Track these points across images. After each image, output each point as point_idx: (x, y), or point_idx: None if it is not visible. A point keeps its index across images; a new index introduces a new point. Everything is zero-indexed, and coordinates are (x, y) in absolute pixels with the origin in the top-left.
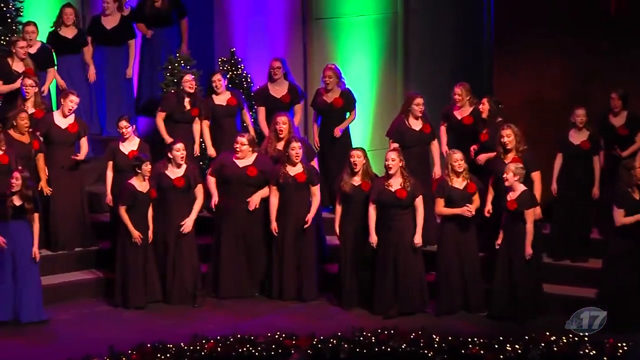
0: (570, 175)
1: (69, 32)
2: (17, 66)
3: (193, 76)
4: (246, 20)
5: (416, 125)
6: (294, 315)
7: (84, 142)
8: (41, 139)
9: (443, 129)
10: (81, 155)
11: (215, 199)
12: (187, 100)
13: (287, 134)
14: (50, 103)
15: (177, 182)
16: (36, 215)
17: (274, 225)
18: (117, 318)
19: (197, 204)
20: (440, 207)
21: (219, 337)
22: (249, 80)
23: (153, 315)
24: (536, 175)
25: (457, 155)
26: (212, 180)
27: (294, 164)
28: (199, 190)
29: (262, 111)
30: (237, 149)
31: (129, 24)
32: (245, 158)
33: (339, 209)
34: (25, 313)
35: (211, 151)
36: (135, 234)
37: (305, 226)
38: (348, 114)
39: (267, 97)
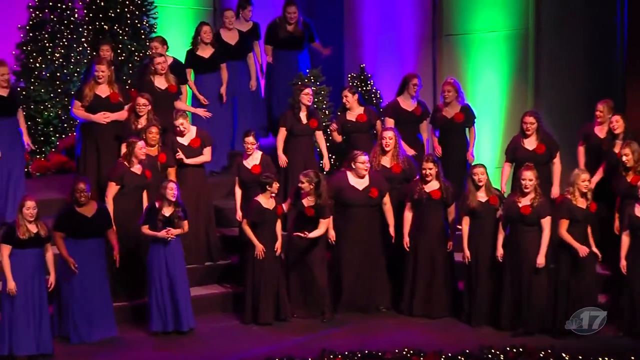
0: None
1: (206, 52)
2: (160, 82)
3: (311, 89)
4: (376, 37)
5: (530, 144)
6: (422, 332)
7: (206, 152)
8: (180, 153)
9: (582, 149)
10: (196, 160)
11: (330, 231)
12: (303, 113)
13: (392, 149)
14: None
15: (308, 212)
16: (185, 223)
17: (406, 240)
18: (246, 333)
19: (318, 231)
20: (564, 228)
21: (346, 353)
22: (378, 96)
23: (281, 330)
24: None
25: (585, 176)
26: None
27: (427, 182)
28: (322, 223)
29: (390, 123)
30: (363, 168)
31: (248, 38)
32: (364, 178)
33: (465, 226)
34: (186, 322)
35: (326, 165)
36: (259, 247)
37: (449, 249)
38: (467, 129)
39: (397, 110)
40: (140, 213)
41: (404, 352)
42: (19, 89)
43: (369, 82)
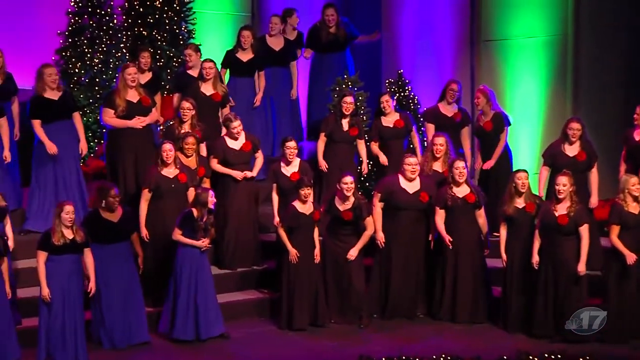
0: None
1: (245, 56)
2: (205, 88)
3: (352, 98)
4: (414, 42)
5: (571, 151)
6: (459, 338)
7: (259, 157)
8: (216, 163)
9: (624, 153)
10: (254, 172)
11: (378, 233)
12: (345, 120)
13: (443, 155)
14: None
15: (345, 216)
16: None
17: (448, 237)
18: (283, 338)
19: (365, 236)
20: (615, 234)
21: (384, 359)
22: (416, 101)
23: (318, 335)
24: None
25: (634, 180)
26: (378, 208)
27: (458, 185)
28: (369, 222)
29: (431, 128)
30: (413, 170)
31: (293, 46)
32: (415, 181)
33: (503, 232)
34: (205, 330)
35: (383, 159)
36: (292, 252)
37: (486, 252)
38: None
39: (437, 115)
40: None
41: (442, 358)
42: None
43: (406, 88)
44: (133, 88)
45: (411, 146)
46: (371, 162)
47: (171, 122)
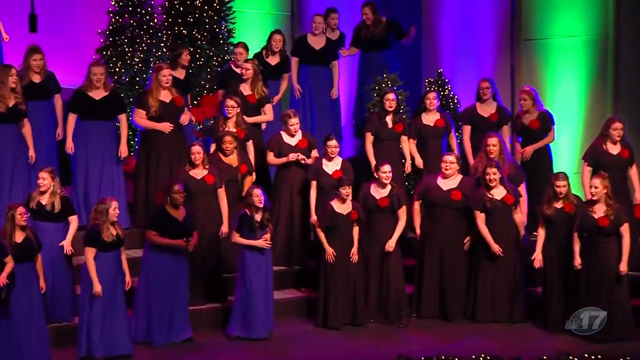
0: None
1: (273, 59)
2: (244, 88)
3: (394, 95)
4: (454, 42)
5: (613, 149)
6: (498, 338)
7: (315, 153)
8: (273, 156)
9: None
10: (308, 160)
11: (417, 230)
12: (389, 117)
13: (497, 156)
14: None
15: (381, 203)
16: (271, 228)
17: (495, 247)
18: (321, 337)
19: (400, 226)
20: None
21: (422, 358)
22: (455, 101)
23: (357, 335)
24: None
25: None
26: (417, 205)
27: (493, 188)
28: (402, 212)
29: (467, 130)
30: (446, 168)
31: (335, 46)
32: (451, 178)
33: (542, 233)
34: (257, 329)
35: (419, 161)
36: (329, 250)
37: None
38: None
39: (474, 116)
40: (209, 217)
41: (481, 358)
42: None
43: (446, 87)
44: (166, 89)
45: (449, 147)
46: (412, 162)
47: (213, 120)
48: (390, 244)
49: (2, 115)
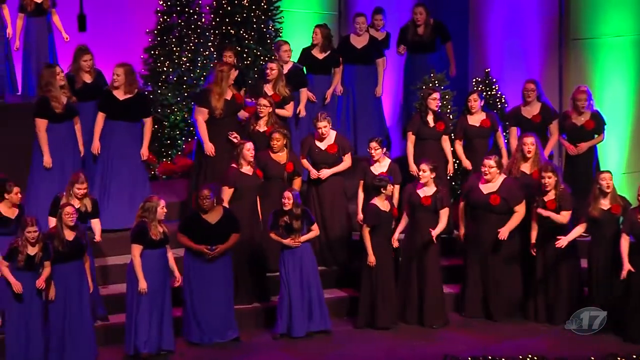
0: None
1: (321, 54)
2: (267, 88)
3: (438, 94)
4: (501, 41)
5: None
6: (544, 338)
7: (347, 158)
8: (302, 159)
9: None
10: (326, 172)
11: (461, 230)
12: (430, 117)
13: (533, 156)
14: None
15: (424, 201)
16: (315, 226)
17: (534, 250)
18: (366, 337)
19: (439, 227)
20: None
21: (469, 358)
22: (503, 100)
23: (401, 335)
24: None
25: None
26: (462, 206)
27: (545, 194)
28: (444, 212)
29: (513, 131)
30: (485, 172)
31: (378, 44)
32: (493, 181)
33: (581, 229)
34: (322, 323)
35: (466, 163)
36: (371, 258)
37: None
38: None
39: (518, 117)
40: (256, 214)
41: (528, 358)
42: (146, 92)
43: (493, 87)
44: (228, 87)
45: (497, 147)
46: (457, 162)
47: (246, 118)
48: (433, 233)
49: (61, 115)
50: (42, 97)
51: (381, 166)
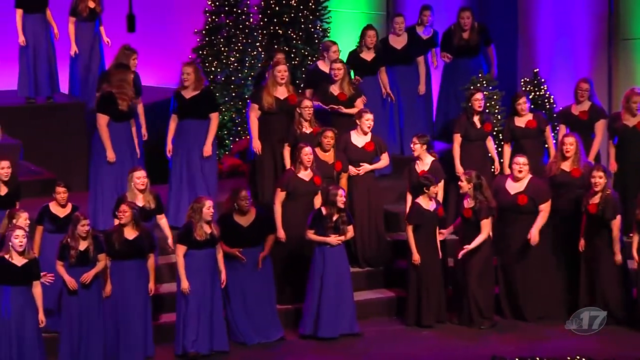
0: None
1: (368, 55)
2: (333, 88)
3: (482, 94)
4: (550, 41)
5: None
6: (592, 339)
7: (384, 157)
8: (345, 160)
9: None
10: (359, 170)
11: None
12: (476, 117)
13: (572, 155)
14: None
15: (465, 214)
16: (350, 228)
17: (582, 246)
18: (414, 337)
19: (477, 241)
20: None
21: (517, 359)
22: (551, 101)
23: (449, 334)
24: None
25: None
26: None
27: (595, 194)
28: (485, 224)
29: (562, 129)
30: (519, 170)
31: (418, 42)
32: (520, 181)
33: (636, 238)
34: (325, 328)
35: (507, 171)
36: (416, 256)
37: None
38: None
39: (567, 115)
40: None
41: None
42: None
43: (542, 87)
44: (282, 85)
45: (546, 146)
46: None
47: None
48: (460, 256)
49: (123, 114)
50: (108, 92)
51: (424, 164)
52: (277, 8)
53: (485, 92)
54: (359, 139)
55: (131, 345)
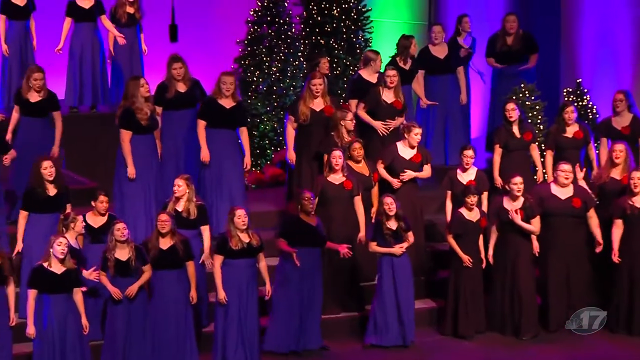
0: None
1: (407, 64)
2: (387, 96)
3: (514, 104)
4: (593, 51)
5: None
6: (631, 349)
7: (427, 168)
8: (382, 168)
9: None
10: (421, 174)
11: (535, 244)
12: (515, 127)
13: (622, 163)
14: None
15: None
16: (410, 234)
17: (615, 253)
18: (456, 347)
19: (534, 237)
20: None
21: None
22: (594, 111)
23: (490, 344)
24: None
25: None
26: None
27: (635, 194)
28: (536, 221)
29: (604, 142)
30: (566, 177)
31: (458, 52)
32: (567, 187)
33: None
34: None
35: (550, 180)
36: (465, 257)
37: None
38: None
39: (609, 128)
40: (346, 224)
41: None
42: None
43: (585, 97)
44: (318, 97)
45: (588, 159)
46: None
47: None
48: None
49: (145, 127)
50: (127, 108)
51: (468, 174)
52: (319, 18)
53: (527, 102)
54: (406, 151)
55: (170, 356)
